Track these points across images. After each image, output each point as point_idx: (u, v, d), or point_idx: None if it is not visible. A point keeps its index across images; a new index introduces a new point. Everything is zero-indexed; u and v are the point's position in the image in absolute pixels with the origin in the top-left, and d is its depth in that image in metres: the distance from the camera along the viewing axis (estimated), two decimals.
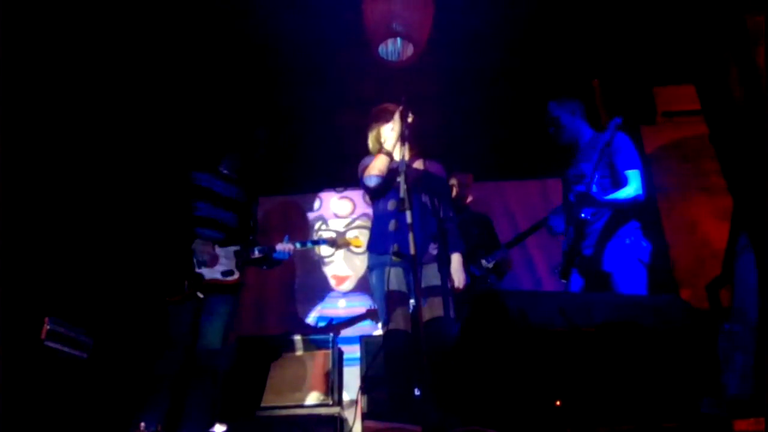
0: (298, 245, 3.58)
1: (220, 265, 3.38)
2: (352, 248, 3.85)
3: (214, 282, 3.34)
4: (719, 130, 2.45)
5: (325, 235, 5.87)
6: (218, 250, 3.40)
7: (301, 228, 5.96)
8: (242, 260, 3.45)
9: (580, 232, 3.33)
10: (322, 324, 5.37)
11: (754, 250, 2.37)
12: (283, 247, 3.51)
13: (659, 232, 4.30)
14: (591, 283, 3.36)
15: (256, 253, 3.48)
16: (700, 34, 2.46)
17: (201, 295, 3.28)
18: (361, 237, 3.87)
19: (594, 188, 3.26)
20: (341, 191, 6.16)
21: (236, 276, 3.41)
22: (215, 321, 3.31)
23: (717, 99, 2.40)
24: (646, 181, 3.33)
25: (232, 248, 3.44)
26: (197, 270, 3.32)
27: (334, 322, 5.20)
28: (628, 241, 3.28)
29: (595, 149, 3.30)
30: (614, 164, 3.34)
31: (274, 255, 3.51)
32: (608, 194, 3.30)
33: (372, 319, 4.70)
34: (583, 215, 3.25)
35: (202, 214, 3.44)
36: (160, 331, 3.30)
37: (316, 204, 6.18)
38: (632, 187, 3.26)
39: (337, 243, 3.79)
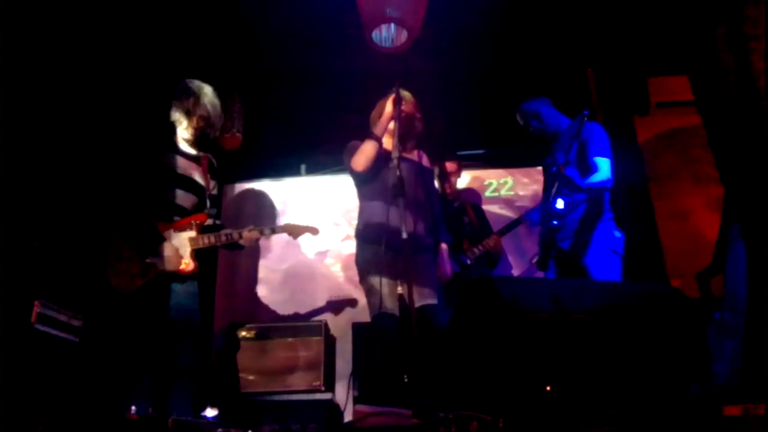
0: (267, 232, 3.36)
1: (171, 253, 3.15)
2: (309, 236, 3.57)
3: (166, 271, 3.12)
4: (712, 120, 2.45)
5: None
6: (171, 235, 3.17)
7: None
8: (197, 248, 3.22)
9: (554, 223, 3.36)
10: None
11: (745, 240, 2.38)
12: (249, 234, 3.29)
13: (651, 222, 4.31)
14: (567, 274, 3.41)
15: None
16: (694, 22, 2.46)
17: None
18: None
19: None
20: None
21: (192, 266, 3.18)
22: (184, 303, 3.16)
23: (710, 89, 2.40)
24: (639, 170, 3.38)
25: (186, 234, 3.21)
26: (149, 259, 3.10)
27: None
28: (600, 232, 3.36)
29: (569, 136, 3.36)
30: (585, 152, 3.41)
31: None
32: (578, 179, 3.38)
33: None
34: (557, 207, 3.24)
35: (156, 195, 3.19)
36: (142, 316, 3.23)
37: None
38: (602, 172, 3.32)
39: (294, 232, 3.47)
